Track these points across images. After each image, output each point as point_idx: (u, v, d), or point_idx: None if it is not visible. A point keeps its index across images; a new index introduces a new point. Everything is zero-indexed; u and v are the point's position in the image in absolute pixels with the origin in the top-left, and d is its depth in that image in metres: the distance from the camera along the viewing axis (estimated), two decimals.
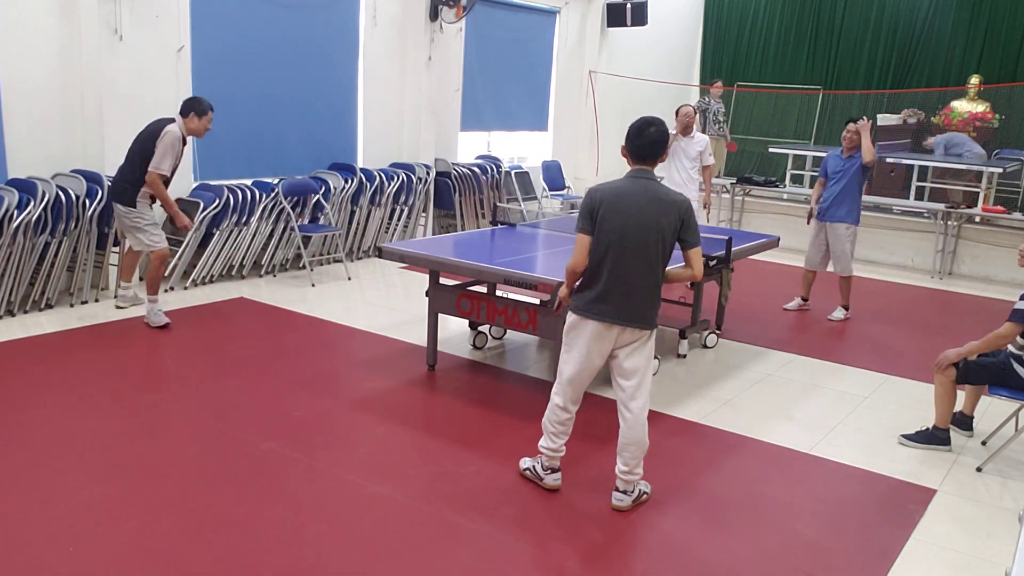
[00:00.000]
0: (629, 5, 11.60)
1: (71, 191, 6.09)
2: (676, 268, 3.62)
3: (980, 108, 11.86)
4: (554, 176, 10.94)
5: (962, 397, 4.72)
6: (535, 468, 3.85)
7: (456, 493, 3.74)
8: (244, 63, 7.65)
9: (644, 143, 3.52)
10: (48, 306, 6.13)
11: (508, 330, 5.95)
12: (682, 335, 5.90)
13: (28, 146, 6.25)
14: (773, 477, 4.14)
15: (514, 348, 5.94)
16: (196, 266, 7.00)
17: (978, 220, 9.38)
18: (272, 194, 7.47)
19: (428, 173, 9.19)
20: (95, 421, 4.33)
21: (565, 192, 11.02)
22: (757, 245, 6.40)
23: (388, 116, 9.22)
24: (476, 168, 9.78)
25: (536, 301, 4.87)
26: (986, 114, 11.81)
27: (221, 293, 6.87)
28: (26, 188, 5.91)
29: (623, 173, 3.62)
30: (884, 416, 4.99)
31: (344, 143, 8.84)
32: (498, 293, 5.49)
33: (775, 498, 3.92)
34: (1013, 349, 4.28)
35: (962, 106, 11.96)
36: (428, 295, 5.22)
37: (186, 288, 6.87)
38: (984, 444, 4.60)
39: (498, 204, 9.40)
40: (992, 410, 4.93)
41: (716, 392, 5.23)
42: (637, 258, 3.46)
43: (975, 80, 11.99)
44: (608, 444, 4.27)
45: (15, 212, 5.71)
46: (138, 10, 6.68)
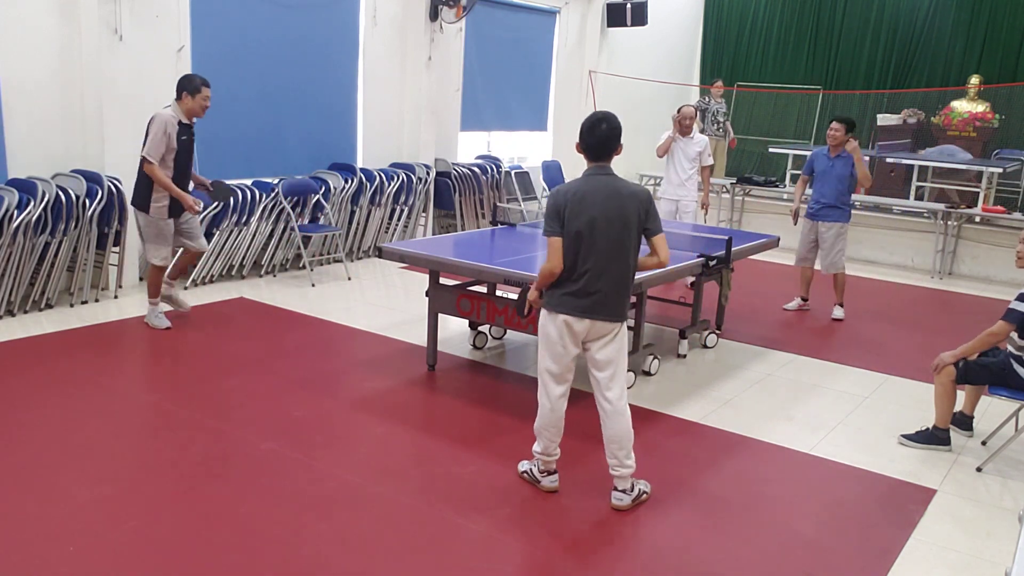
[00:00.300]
0: (629, 5, 11.59)
1: (71, 191, 6.09)
2: (643, 257, 3.64)
3: (980, 108, 11.86)
4: (554, 176, 10.93)
5: (962, 397, 4.72)
6: (532, 471, 3.86)
7: (456, 493, 3.74)
8: (244, 63, 7.65)
9: (595, 140, 3.54)
10: (48, 306, 6.13)
11: (508, 330, 5.96)
12: (682, 335, 5.90)
13: (28, 146, 6.25)
14: (773, 477, 4.14)
15: (514, 348, 5.94)
16: (196, 266, 7.00)
17: (978, 220, 9.38)
18: (272, 194, 7.47)
19: (428, 173, 9.20)
20: (95, 421, 4.33)
21: None
22: (757, 245, 6.40)
23: (388, 116, 9.22)
24: (476, 168, 9.78)
25: None
26: (986, 114, 11.82)
27: (221, 293, 6.87)
28: (26, 188, 5.91)
29: (622, 173, 3.63)
30: (884, 416, 4.99)
31: (344, 143, 8.84)
32: (498, 293, 5.49)
33: (775, 498, 3.92)
34: (1013, 349, 4.28)
35: (962, 106, 11.97)
36: (428, 295, 5.22)
37: (186, 288, 6.87)
38: (984, 444, 4.61)
39: (498, 204, 9.41)
40: (992, 410, 4.93)
41: (716, 392, 5.23)
42: (605, 253, 3.50)
43: (975, 80, 12.00)
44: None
45: (15, 212, 5.71)
46: (138, 10, 6.68)
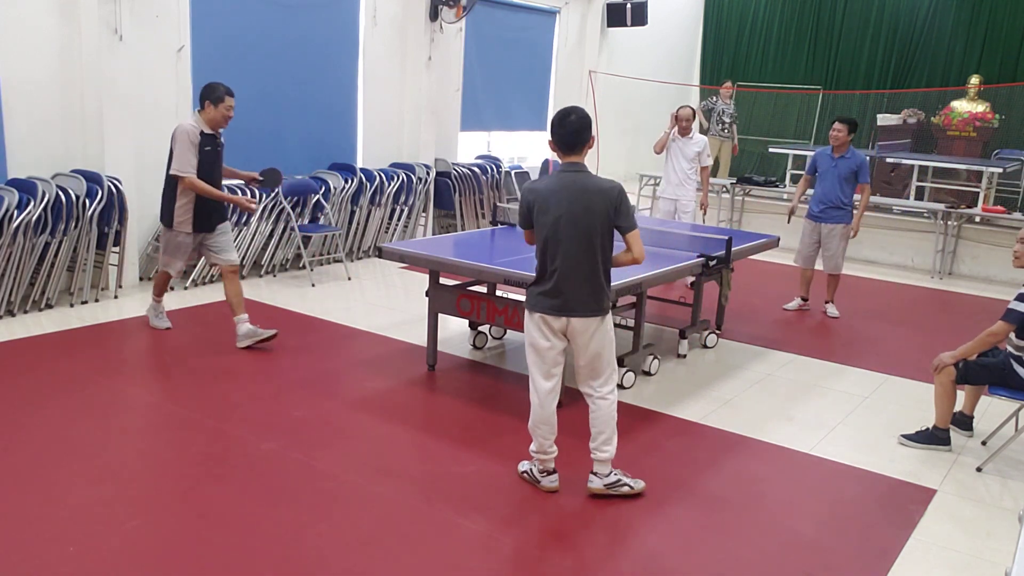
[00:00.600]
0: (629, 5, 11.60)
1: (71, 191, 6.09)
2: (619, 253, 3.65)
3: (980, 108, 11.87)
4: None
5: (962, 397, 4.72)
6: (532, 471, 3.86)
7: (456, 493, 3.74)
8: (244, 63, 7.65)
9: (566, 132, 3.55)
10: (48, 306, 6.13)
11: (508, 330, 5.96)
12: (682, 335, 5.90)
13: (28, 146, 6.26)
14: (773, 477, 4.14)
15: (514, 348, 5.94)
16: (196, 266, 7.00)
17: (978, 220, 9.38)
18: (272, 194, 7.47)
19: (428, 173, 9.20)
20: (95, 421, 4.33)
21: None
22: (757, 245, 6.40)
23: (388, 116, 9.23)
24: (476, 168, 9.78)
25: None
26: (986, 114, 11.82)
27: (221, 293, 6.83)
28: (26, 188, 5.91)
29: (623, 172, 3.62)
30: (884, 416, 4.99)
31: (344, 143, 8.84)
32: (498, 293, 5.49)
33: (775, 498, 3.92)
34: (1012, 350, 4.29)
35: (962, 106, 11.97)
36: (428, 295, 5.22)
37: (186, 288, 6.87)
38: (984, 444, 4.61)
39: (498, 204, 9.41)
40: (992, 410, 4.93)
41: (716, 392, 5.23)
42: (573, 251, 3.52)
43: (975, 80, 12.00)
44: None
45: (15, 212, 5.71)
46: (138, 10, 6.68)
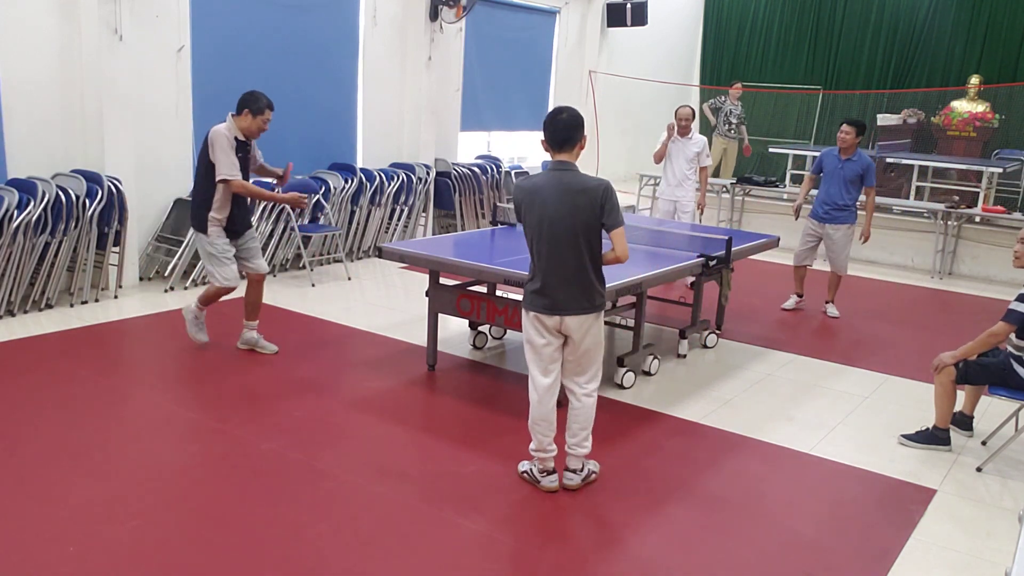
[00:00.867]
0: (629, 5, 11.60)
1: (71, 191, 6.09)
2: (604, 252, 3.67)
3: (980, 108, 11.87)
4: None
5: (962, 397, 4.72)
6: (532, 471, 3.86)
7: (456, 493, 3.74)
8: (244, 63, 7.65)
9: (557, 128, 3.58)
10: (48, 306, 6.13)
11: (508, 330, 5.96)
12: (682, 335, 5.90)
13: (28, 146, 6.26)
14: (773, 477, 4.14)
15: (514, 348, 5.94)
16: (196, 266, 7.00)
17: (978, 220, 9.38)
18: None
19: (428, 173, 9.20)
20: (95, 421, 4.33)
21: None
22: (757, 245, 6.40)
23: (388, 116, 9.23)
24: (476, 168, 9.78)
25: None
26: (986, 114, 11.82)
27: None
28: (26, 188, 5.91)
29: (623, 172, 3.63)
30: (884, 416, 4.99)
31: (344, 143, 8.84)
32: (498, 293, 5.49)
33: (775, 498, 3.92)
34: (1012, 350, 4.29)
35: (962, 106, 11.98)
36: (428, 295, 5.22)
37: (186, 288, 6.87)
38: (984, 444, 4.61)
39: (498, 204, 9.41)
40: (992, 410, 4.93)
41: (716, 392, 5.23)
42: (559, 249, 3.55)
43: (975, 80, 12.00)
44: (605, 444, 4.28)
45: (15, 212, 5.71)
46: (138, 10, 6.68)
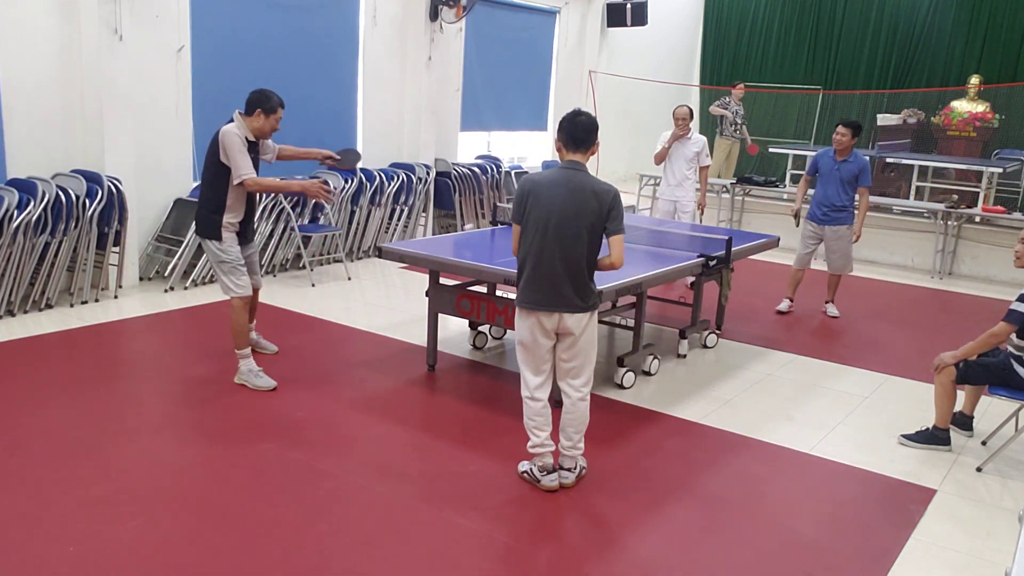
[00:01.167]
0: (629, 5, 11.60)
1: (71, 191, 6.09)
2: (600, 256, 3.68)
3: (980, 108, 11.87)
4: None
5: (962, 397, 4.72)
6: (532, 471, 3.86)
7: (456, 493, 3.74)
8: (244, 63, 7.65)
9: (577, 128, 3.61)
10: (48, 306, 6.13)
11: (508, 330, 5.95)
12: (682, 335, 5.90)
13: (28, 146, 6.26)
14: (773, 477, 4.14)
15: (514, 348, 5.92)
16: (196, 266, 7.00)
17: (978, 220, 9.38)
18: (272, 194, 7.46)
19: (428, 173, 9.20)
20: (95, 421, 4.33)
21: None
22: (757, 245, 6.40)
23: (388, 116, 9.23)
24: (476, 168, 9.78)
25: None
26: (986, 114, 11.82)
27: (221, 293, 6.85)
28: (26, 188, 5.91)
29: (623, 172, 3.63)
30: (884, 416, 4.99)
31: (344, 143, 8.83)
32: (498, 293, 5.49)
33: (775, 498, 3.92)
34: (1013, 350, 4.29)
35: (962, 106, 11.97)
36: (428, 295, 5.22)
37: (186, 288, 6.87)
38: (984, 444, 4.61)
39: (498, 204, 9.41)
40: (992, 410, 4.93)
41: (716, 392, 5.23)
42: (561, 247, 3.57)
43: (975, 80, 12.00)
44: (604, 443, 4.29)
45: (15, 212, 5.71)
46: (138, 10, 6.68)
